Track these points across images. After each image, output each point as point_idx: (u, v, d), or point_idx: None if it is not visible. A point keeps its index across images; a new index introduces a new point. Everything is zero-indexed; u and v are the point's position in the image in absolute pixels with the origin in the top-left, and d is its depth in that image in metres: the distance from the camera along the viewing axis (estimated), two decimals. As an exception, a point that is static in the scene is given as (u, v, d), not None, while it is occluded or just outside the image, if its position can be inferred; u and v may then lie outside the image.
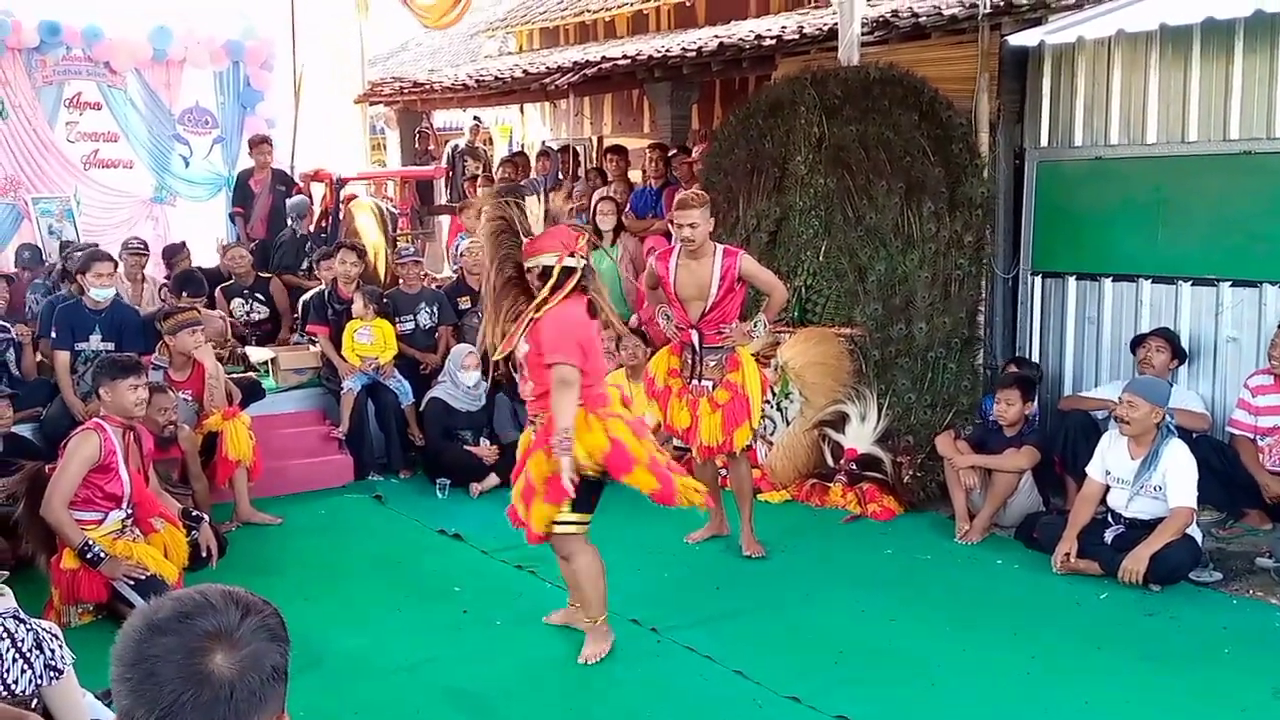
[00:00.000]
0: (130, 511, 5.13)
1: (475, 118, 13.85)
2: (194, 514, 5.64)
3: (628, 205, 9.40)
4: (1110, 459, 5.40)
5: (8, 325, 7.06)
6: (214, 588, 1.53)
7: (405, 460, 7.54)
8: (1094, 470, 5.45)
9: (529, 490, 4.46)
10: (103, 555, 4.85)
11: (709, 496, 5.17)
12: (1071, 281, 6.84)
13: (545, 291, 4.31)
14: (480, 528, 6.30)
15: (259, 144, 10.31)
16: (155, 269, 9.39)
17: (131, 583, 4.89)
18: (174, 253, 9.25)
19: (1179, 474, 5.15)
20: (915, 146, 6.79)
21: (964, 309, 6.66)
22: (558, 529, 4.48)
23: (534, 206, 4.35)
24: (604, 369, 4.65)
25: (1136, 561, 5.05)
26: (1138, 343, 6.19)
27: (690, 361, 5.67)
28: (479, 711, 4.14)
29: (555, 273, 4.30)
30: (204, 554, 5.49)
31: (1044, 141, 6.85)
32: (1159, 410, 5.23)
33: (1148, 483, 5.22)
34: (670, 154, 9.79)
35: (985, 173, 6.69)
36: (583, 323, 4.37)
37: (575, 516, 4.48)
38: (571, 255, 4.32)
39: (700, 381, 5.63)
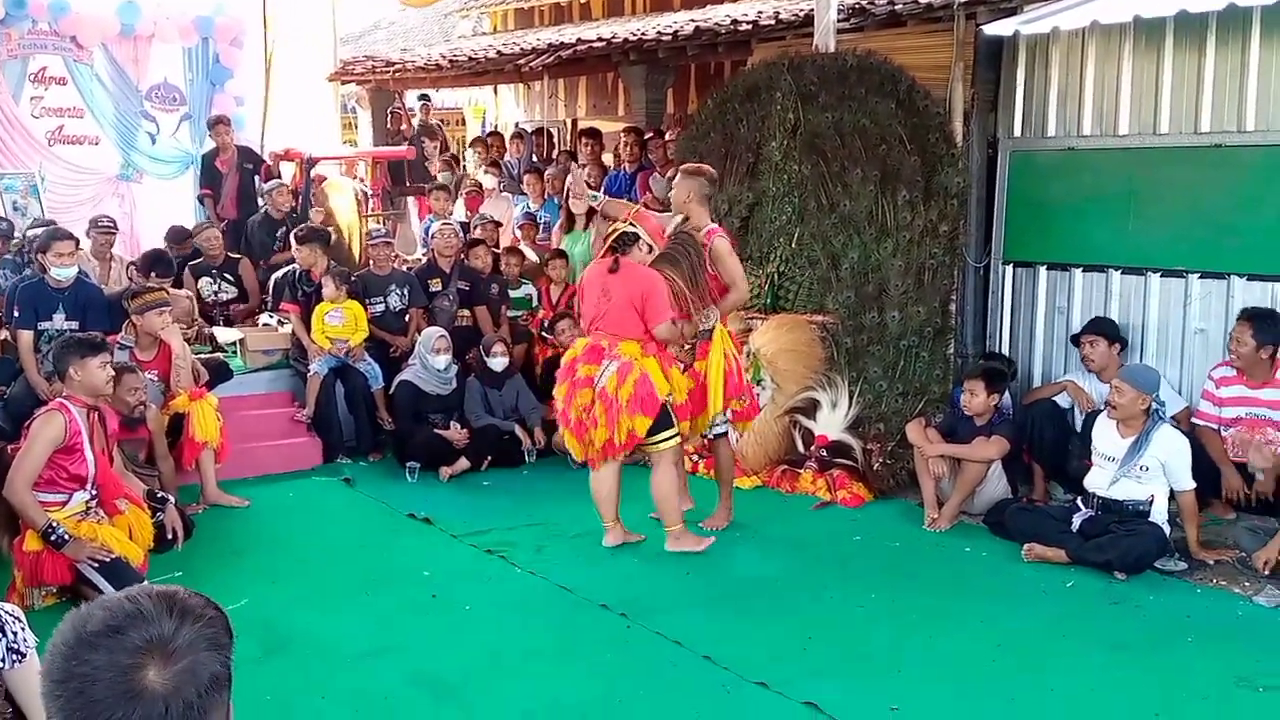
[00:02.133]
0: (95, 493, 5.08)
1: (422, 96, 13.68)
2: (159, 495, 5.61)
3: (602, 189, 9.38)
4: (1100, 438, 5.47)
5: None
6: (149, 591, 1.45)
7: (374, 443, 7.51)
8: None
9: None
10: (66, 537, 4.81)
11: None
12: (1042, 271, 6.89)
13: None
14: (450, 511, 6.30)
15: (217, 124, 10.19)
16: (122, 248, 9.29)
17: (95, 565, 4.85)
18: (181, 236, 9.06)
19: (1178, 459, 5.28)
20: (891, 135, 6.80)
21: (937, 298, 6.68)
22: (653, 447, 5.45)
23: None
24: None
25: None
26: (1075, 341, 6.30)
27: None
28: (447, 697, 4.13)
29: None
30: (169, 536, 5.46)
31: (1017, 131, 6.88)
32: (1145, 397, 5.32)
33: (1135, 464, 5.29)
34: (646, 137, 9.77)
35: (961, 163, 6.71)
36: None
37: (667, 432, 5.42)
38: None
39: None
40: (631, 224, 5.51)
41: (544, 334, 8.25)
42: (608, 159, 10.68)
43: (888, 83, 6.90)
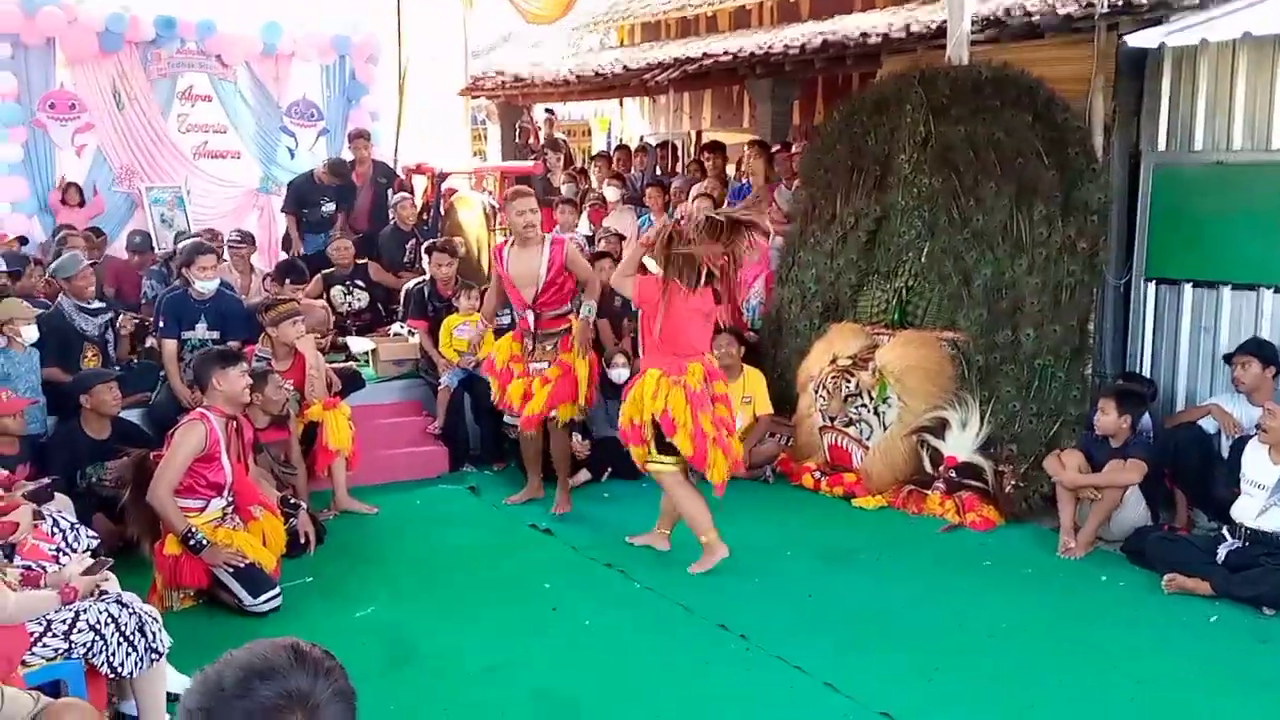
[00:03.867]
0: (231, 499, 5.25)
1: (547, 110, 13.83)
2: (292, 501, 5.77)
3: (725, 202, 9.32)
4: (1249, 464, 5.22)
5: (112, 308, 7.26)
6: (273, 646, 1.48)
7: (499, 453, 7.59)
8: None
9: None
10: (205, 542, 4.98)
11: (532, 467, 6.70)
12: (1188, 289, 6.59)
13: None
14: (570, 523, 6.33)
15: (357, 138, 10.44)
16: (260, 259, 9.60)
17: (230, 569, 5.01)
18: (340, 169, 9.89)
19: None
20: (1028, 148, 6.60)
21: (1075, 317, 6.44)
22: (652, 468, 5.56)
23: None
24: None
25: None
26: (1228, 360, 5.99)
27: (528, 344, 6.30)
28: (564, 714, 4.13)
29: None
30: (302, 540, 5.61)
31: (1161, 145, 6.60)
32: None
33: None
34: (773, 149, 9.68)
35: (1102, 177, 6.48)
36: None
37: (662, 458, 5.49)
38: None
39: (536, 364, 6.28)
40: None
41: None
42: (730, 171, 10.64)
43: (1024, 95, 6.70)
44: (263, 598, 5.02)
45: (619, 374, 7.38)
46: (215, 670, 1.44)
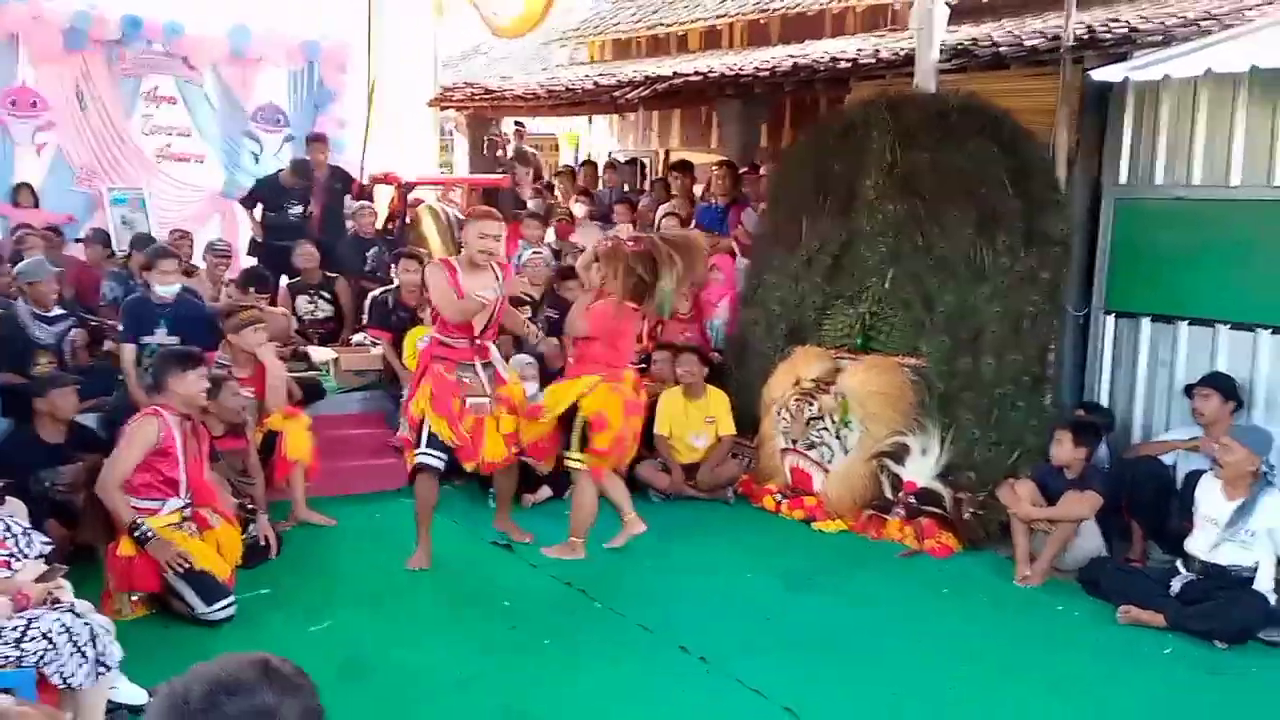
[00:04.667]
0: (188, 501, 5.17)
1: (517, 122, 13.81)
2: (249, 507, 5.67)
3: (693, 222, 9.34)
4: (1204, 499, 5.27)
5: (73, 314, 7.14)
6: (242, 661, 1.44)
7: (459, 468, 7.51)
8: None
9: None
10: (150, 534, 4.91)
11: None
12: (1145, 323, 6.67)
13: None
14: (531, 540, 6.27)
15: (314, 141, 10.35)
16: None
17: (181, 572, 4.91)
18: (304, 169, 9.66)
19: None
20: (992, 177, 6.66)
21: (1035, 346, 6.50)
22: (570, 463, 5.87)
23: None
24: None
25: None
26: (1189, 392, 6.06)
27: (466, 377, 5.73)
28: (524, 733, 4.09)
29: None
30: (262, 543, 5.51)
31: (1123, 179, 6.69)
32: (1256, 459, 5.11)
33: (1241, 528, 5.09)
34: (741, 171, 9.72)
35: (1065, 209, 6.55)
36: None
37: (580, 456, 5.78)
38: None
39: (475, 398, 5.71)
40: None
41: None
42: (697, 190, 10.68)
43: (990, 125, 6.76)
44: (216, 605, 4.93)
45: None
46: (182, 684, 1.40)
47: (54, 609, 3.79)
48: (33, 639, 3.63)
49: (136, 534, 4.90)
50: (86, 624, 3.76)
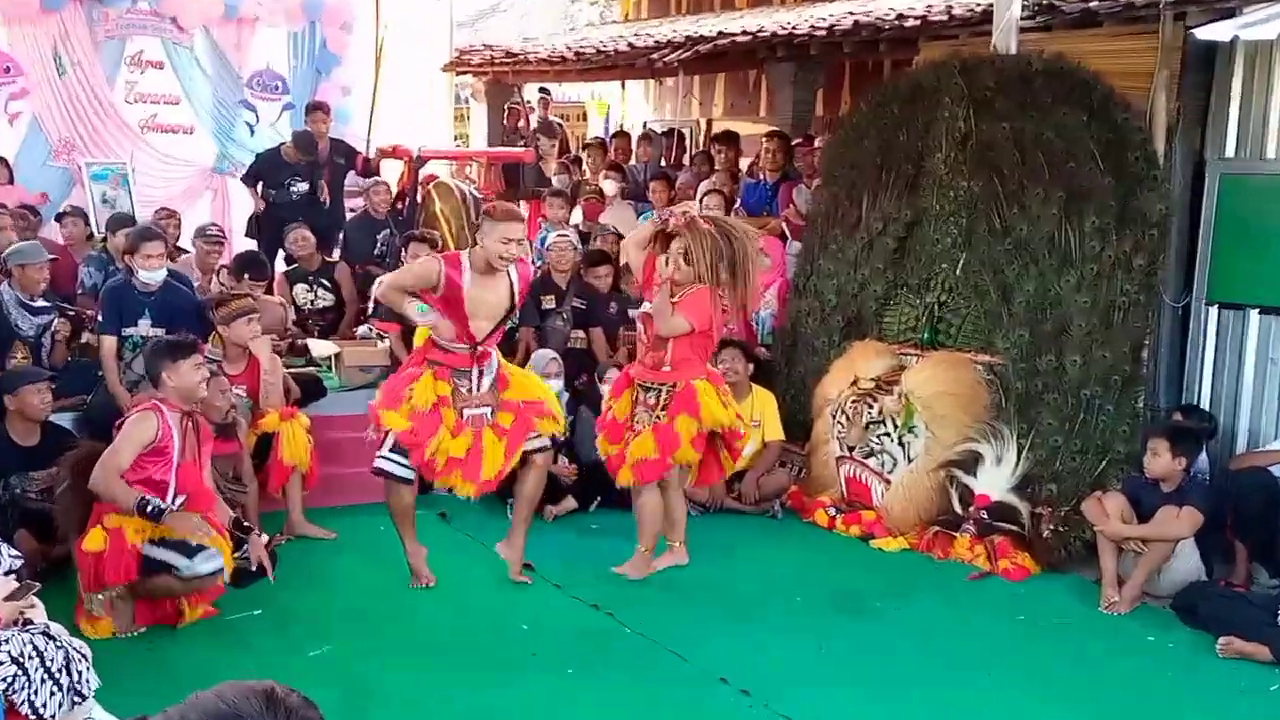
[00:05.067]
0: (180, 506, 5.24)
1: (542, 89, 13.86)
2: (245, 525, 5.67)
3: (738, 201, 9.35)
4: None
5: (53, 307, 7.25)
6: (245, 692, 1.47)
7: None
8: None
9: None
10: (163, 508, 5.01)
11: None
12: (1253, 315, 6.61)
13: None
14: (554, 558, 6.30)
15: (315, 110, 10.44)
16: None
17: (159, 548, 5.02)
18: (308, 143, 9.61)
19: None
20: (1081, 150, 6.64)
21: (1127, 342, 6.47)
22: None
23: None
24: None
25: None
26: None
27: (463, 385, 5.62)
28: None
29: None
30: (254, 569, 5.54)
31: (1229, 152, 6.63)
32: None
33: None
34: (792, 143, 9.71)
35: (1163, 186, 6.52)
36: None
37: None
38: None
39: (474, 409, 5.61)
40: None
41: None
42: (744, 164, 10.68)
43: (1079, 91, 6.74)
44: (199, 557, 5.01)
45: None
46: (178, 714, 1.44)
47: (25, 630, 3.84)
48: (0, 663, 3.69)
49: (150, 509, 4.98)
50: (61, 648, 3.81)
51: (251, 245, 9.89)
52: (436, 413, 5.52)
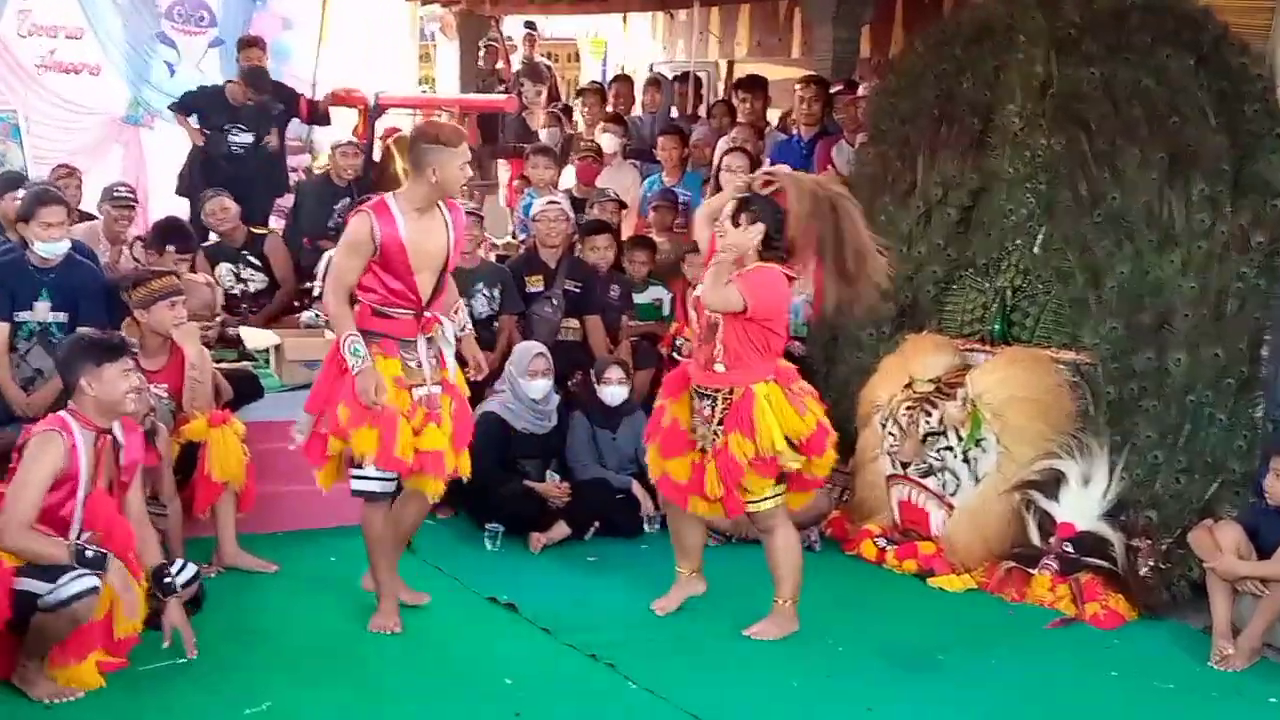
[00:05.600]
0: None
1: (527, 23, 13.83)
2: (166, 580, 5.50)
3: (765, 161, 9.32)
4: None
5: None
6: None
7: (444, 496, 7.55)
8: None
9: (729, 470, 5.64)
10: (104, 552, 4.93)
11: None
12: (1397, 306, 6.62)
13: None
14: (542, 596, 6.32)
15: (248, 47, 10.47)
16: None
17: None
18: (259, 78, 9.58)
19: None
20: (1188, 103, 6.65)
21: (1244, 338, 6.48)
22: (764, 505, 5.79)
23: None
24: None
25: None
26: None
27: (413, 359, 5.65)
28: None
29: None
30: (165, 643, 5.39)
31: (1371, 105, 6.64)
32: None
33: None
34: (832, 90, 9.70)
35: (1289, 148, 6.53)
36: None
37: (778, 489, 5.82)
38: None
39: (424, 388, 5.65)
40: None
41: (677, 355, 8.20)
42: (773, 115, 10.67)
43: (1185, 30, 6.76)
44: (62, 580, 4.80)
45: (614, 393, 7.35)
46: None
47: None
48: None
49: (90, 555, 4.90)
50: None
51: (184, 207, 9.82)
52: (388, 405, 5.51)
